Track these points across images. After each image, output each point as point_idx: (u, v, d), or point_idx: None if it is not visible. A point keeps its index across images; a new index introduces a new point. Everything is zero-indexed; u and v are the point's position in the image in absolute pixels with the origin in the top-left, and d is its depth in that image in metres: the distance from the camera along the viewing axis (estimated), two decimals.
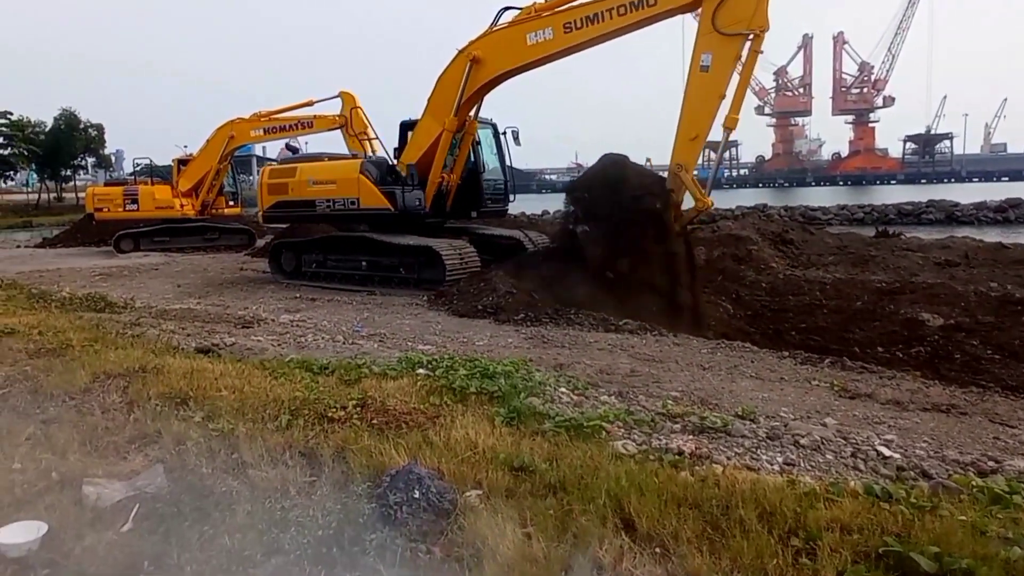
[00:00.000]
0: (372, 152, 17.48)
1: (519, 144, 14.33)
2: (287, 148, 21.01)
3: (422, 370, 5.70)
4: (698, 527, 2.93)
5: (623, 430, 4.55)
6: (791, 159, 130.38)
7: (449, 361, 5.93)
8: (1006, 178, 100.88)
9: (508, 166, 14.68)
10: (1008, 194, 41.84)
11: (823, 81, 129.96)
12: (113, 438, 4.18)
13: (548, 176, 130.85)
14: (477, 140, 13.88)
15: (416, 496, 3.06)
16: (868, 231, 21.61)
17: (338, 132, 19.59)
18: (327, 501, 3.24)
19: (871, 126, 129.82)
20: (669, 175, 10.18)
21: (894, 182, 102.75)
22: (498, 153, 14.52)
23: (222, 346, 7.39)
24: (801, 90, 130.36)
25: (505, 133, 14.30)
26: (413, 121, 14.31)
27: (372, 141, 18.20)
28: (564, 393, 5.39)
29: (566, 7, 11.20)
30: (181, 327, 8.72)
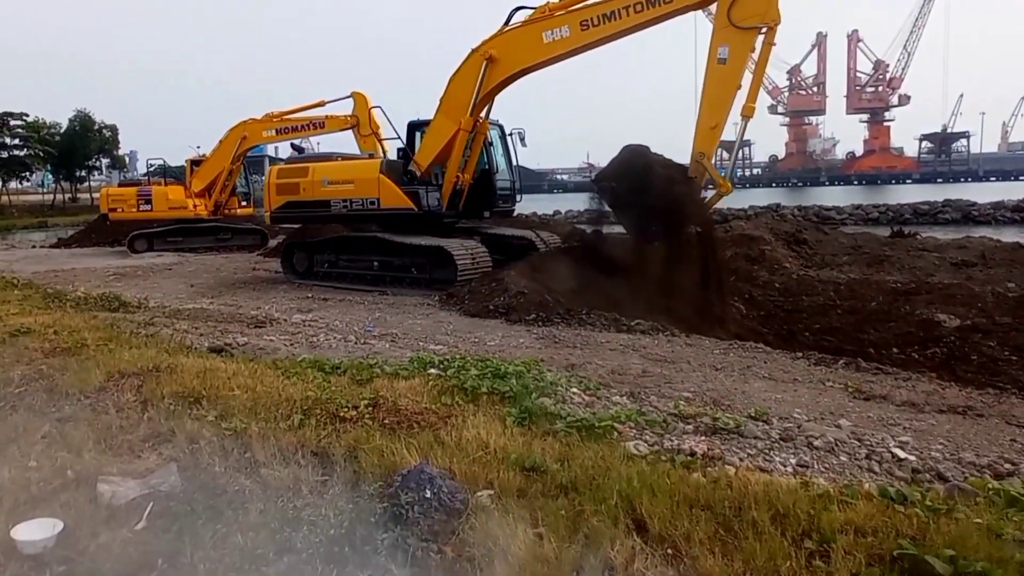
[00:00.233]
0: (384, 153, 17.52)
1: (525, 146, 14.53)
2: (293, 148, 21.04)
3: (434, 370, 5.70)
4: (710, 528, 2.91)
5: (635, 431, 4.54)
6: (805, 158, 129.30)
7: (461, 361, 5.93)
8: None
9: (515, 166, 14.79)
10: None
11: (837, 80, 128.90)
12: (127, 437, 4.21)
13: (559, 176, 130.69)
14: (489, 141, 13.95)
15: (427, 496, 3.07)
16: (883, 231, 21.40)
17: (335, 133, 19.77)
18: (339, 500, 3.24)
19: (886, 125, 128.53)
20: (691, 163, 10.60)
21: (910, 181, 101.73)
22: (505, 154, 14.60)
23: (235, 346, 7.44)
24: (815, 89, 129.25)
25: (512, 135, 14.40)
26: (421, 121, 14.41)
27: (383, 142, 18.23)
28: (576, 393, 5.38)
29: (583, 5, 11.39)
30: (194, 327, 8.78)
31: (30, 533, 3.05)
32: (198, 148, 25.47)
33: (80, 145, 57.43)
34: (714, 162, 11.15)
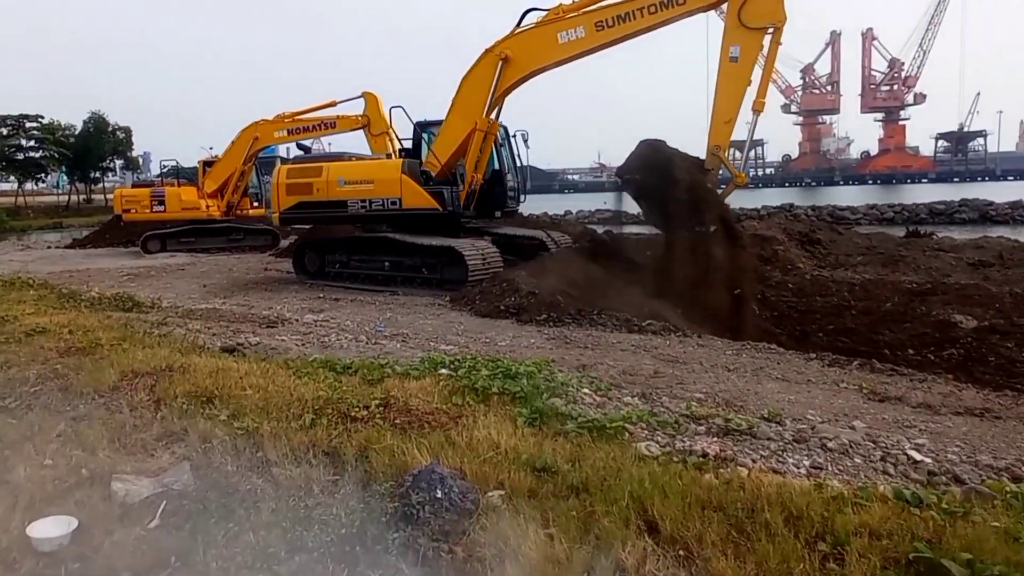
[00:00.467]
0: (394, 153, 17.57)
1: (528, 147, 14.81)
2: (299, 147, 21.09)
3: (444, 370, 5.70)
4: (723, 530, 2.89)
5: (646, 431, 4.51)
6: (818, 158, 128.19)
7: (471, 361, 5.93)
8: None
9: (519, 167, 14.92)
10: None
11: (851, 79, 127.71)
12: (141, 436, 4.24)
13: (570, 176, 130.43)
14: (499, 141, 14.02)
15: (438, 496, 3.06)
16: (898, 231, 21.22)
17: (347, 132, 19.85)
18: (350, 500, 3.25)
19: (901, 124, 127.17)
20: (707, 155, 11.11)
21: (925, 181, 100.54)
22: (510, 154, 14.71)
23: (247, 345, 7.47)
24: (829, 88, 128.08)
25: (515, 136, 14.54)
26: (428, 122, 14.55)
27: (393, 142, 18.28)
28: (587, 394, 5.37)
29: (598, 6, 11.74)
30: (207, 327, 8.83)
31: (46, 530, 3.08)
32: (210, 149, 25.67)
33: (94, 146, 57.89)
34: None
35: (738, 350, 8.00)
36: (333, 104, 19.94)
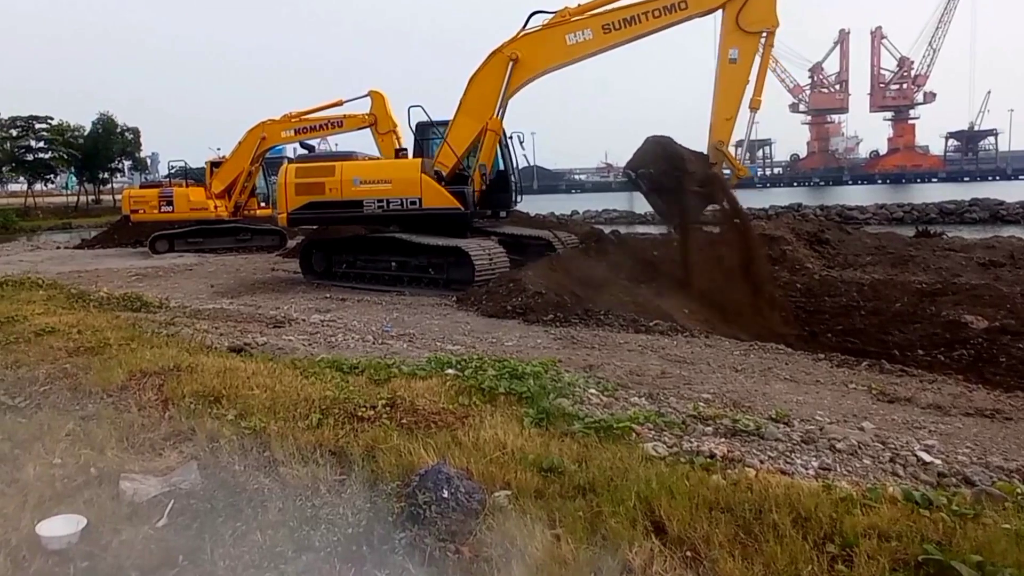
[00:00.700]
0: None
1: (523, 148, 15.39)
2: (303, 147, 21.13)
3: (451, 370, 5.70)
4: (730, 531, 2.88)
5: (653, 432, 4.50)
6: (827, 157, 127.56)
7: (478, 361, 5.93)
8: None
9: (516, 168, 15.12)
10: None
11: (860, 77, 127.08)
12: (149, 435, 4.26)
13: (577, 176, 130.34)
14: (504, 142, 14.10)
15: (445, 496, 3.06)
16: (908, 231, 21.11)
17: (354, 131, 19.91)
18: (357, 499, 3.25)
19: (911, 123, 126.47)
20: (710, 150, 11.70)
21: (935, 180, 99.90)
22: (509, 155, 14.86)
23: (254, 345, 7.49)
24: (837, 87, 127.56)
25: (511, 137, 14.71)
26: (431, 122, 14.62)
27: (400, 140, 18.33)
28: (594, 394, 5.35)
29: (604, 9, 12.23)
30: (214, 326, 8.86)
31: (54, 529, 3.10)
32: (218, 150, 25.81)
33: (103, 147, 58.26)
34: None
35: (746, 350, 7.96)
36: (340, 103, 19.98)
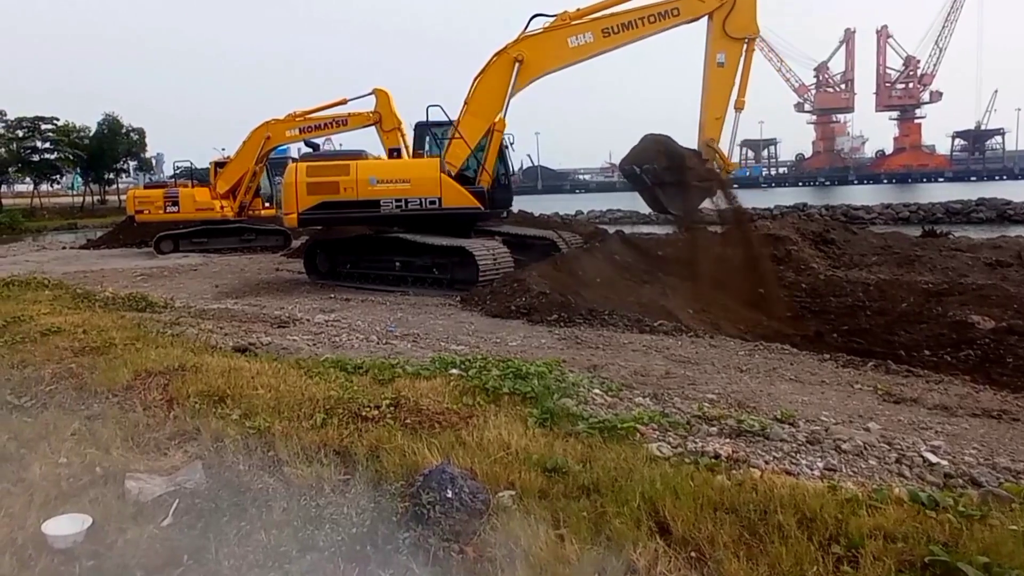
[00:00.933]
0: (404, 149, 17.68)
1: (513, 150, 15.78)
2: (307, 145, 21.14)
3: (455, 370, 5.70)
4: (735, 532, 2.87)
5: (658, 432, 4.49)
6: (833, 157, 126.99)
7: (482, 361, 5.93)
8: None
9: (509, 169, 15.62)
10: None
11: (866, 77, 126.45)
12: (154, 434, 4.27)
13: (581, 176, 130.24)
14: (504, 143, 14.17)
15: (449, 496, 3.06)
16: (914, 230, 21.02)
17: (359, 129, 19.94)
18: (361, 499, 3.26)
19: (917, 122, 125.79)
20: (702, 147, 12.54)
21: (942, 180, 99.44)
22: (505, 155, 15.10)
23: (259, 345, 7.50)
24: (843, 86, 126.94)
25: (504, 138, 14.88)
26: (430, 122, 14.74)
27: (405, 137, 18.36)
28: (598, 394, 5.35)
29: (603, 14, 12.89)
30: (219, 326, 8.88)
31: (60, 528, 3.11)
32: (223, 150, 25.84)
33: (108, 148, 58.41)
34: (736, 160, 13.04)
35: (751, 351, 7.95)
36: (344, 102, 20.00)
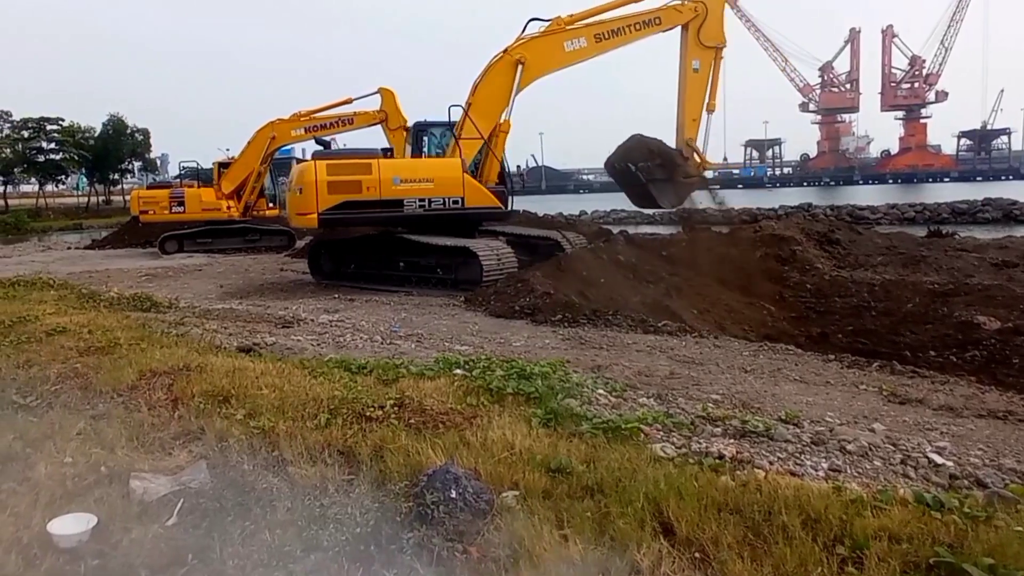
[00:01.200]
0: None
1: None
2: (318, 143, 21.18)
3: (459, 370, 5.70)
4: (739, 533, 2.86)
5: (662, 433, 4.48)
6: (837, 157, 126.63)
7: (486, 362, 5.93)
8: None
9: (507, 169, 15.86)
10: None
11: (871, 76, 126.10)
12: (159, 434, 4.28)
13: (585, 176, 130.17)
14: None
15: (453, 496, 3.06)
16: (920, 231, 20.95)
17: (364, 128, 20.01)
18: (365, 499, 3.26)
19: (923, 122, 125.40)
20: (681, 146, 13.95)
21: (947, 180, 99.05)
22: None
23: (263, 345, 7.52)
24: (848, 86, 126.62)
25: None
26: (428, 123, 15.00)
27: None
28: (602, 395, 5.34)
29: (594, 20, 13.91)
30: (223, 327, 8.90)
31: (65, 527, 3.12)
32: (227, 151, 25.92)
33: (113, 148, 58.57)
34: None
35: (755, 351, 7.93)
36: (349, 101, 20.04)
